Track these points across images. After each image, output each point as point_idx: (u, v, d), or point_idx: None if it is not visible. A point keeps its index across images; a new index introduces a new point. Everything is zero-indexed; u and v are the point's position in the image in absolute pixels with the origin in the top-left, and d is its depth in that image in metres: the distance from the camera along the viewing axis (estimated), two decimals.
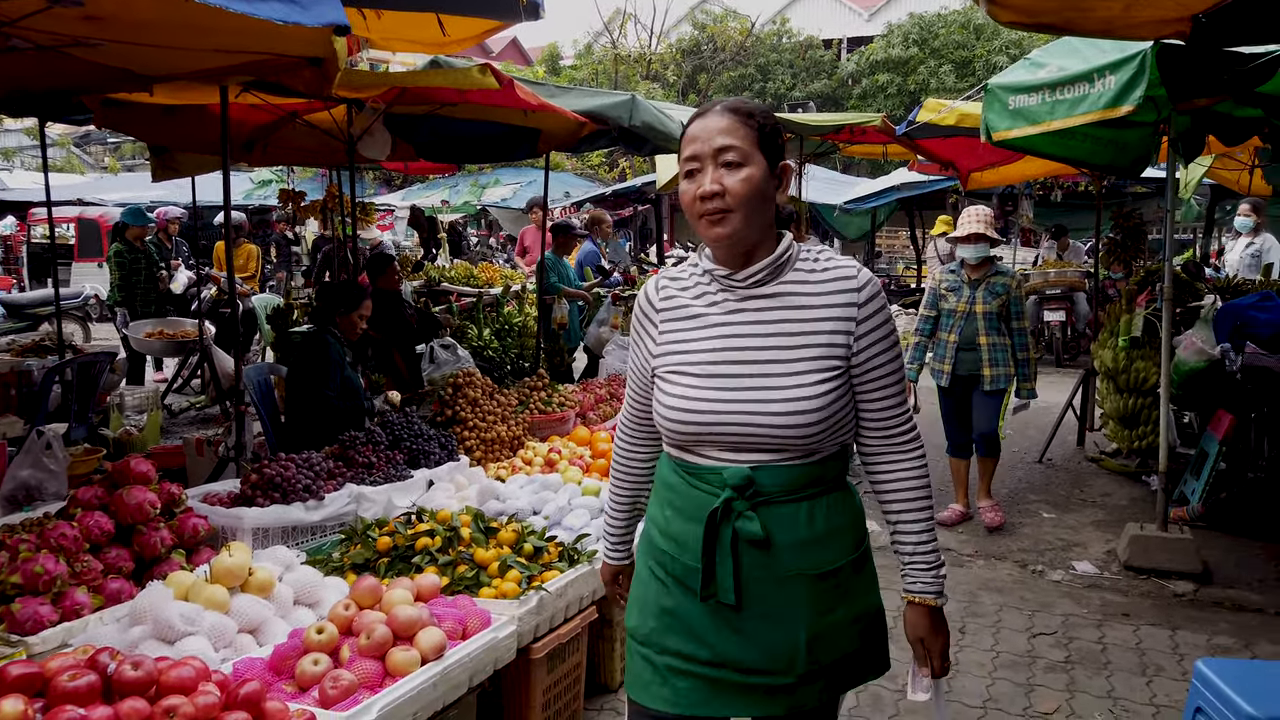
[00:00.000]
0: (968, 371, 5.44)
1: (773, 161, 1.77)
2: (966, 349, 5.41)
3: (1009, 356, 5.40)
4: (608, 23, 25.78)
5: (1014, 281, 5.41)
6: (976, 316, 5.37)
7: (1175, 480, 5.90)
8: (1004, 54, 20.51)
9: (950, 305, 5.47)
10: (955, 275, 5.51)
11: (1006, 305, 5.38)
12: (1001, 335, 5.39)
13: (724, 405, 1.74)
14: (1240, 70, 4.14)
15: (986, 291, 5.37)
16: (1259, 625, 4.25)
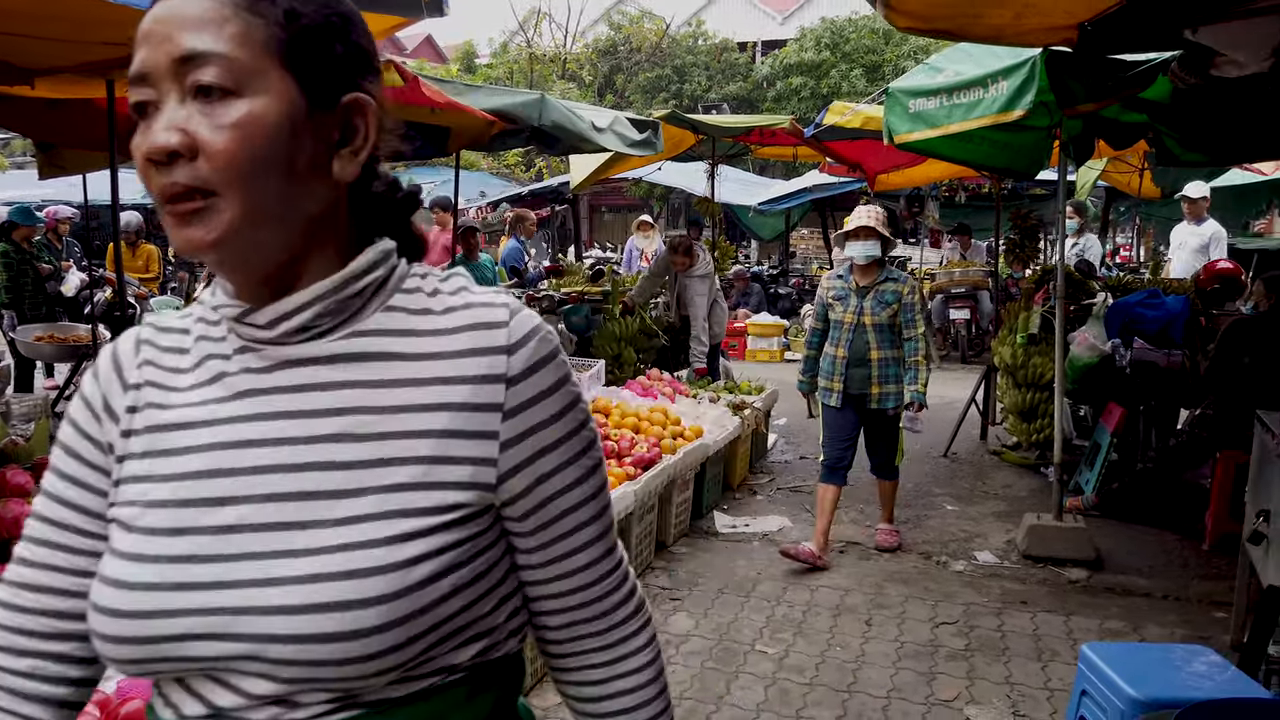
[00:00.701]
0: (859, 390, 4.94)
1: (320, 88, 0.87)
2: (856, 365, 4.91)
3: (901, 373, 4.94)
4: (523, 22, 25.62)
5: (906, 288, 4.88)
6: (866, 329, 4.87)
7: (1071, 471, 6.14)
8: (911, 59, 21.04)
9: (838, 316, 4.95)
10: (843, 282, 4.98)
11: (899, 314, 4.90)
12: (895, 348, 4.90)
13: (199, 594, 0.83)
14: (1124, 76, 4.32)
15: (875, 301, 4.85)
16: (1147, 609, 4.45)
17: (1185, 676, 2.41)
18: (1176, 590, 4.64)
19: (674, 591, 4.60)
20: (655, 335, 8.23)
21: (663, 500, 5.04)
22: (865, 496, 6.18)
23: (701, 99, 23.75)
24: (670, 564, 4.98)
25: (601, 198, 25.88)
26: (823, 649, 3.99)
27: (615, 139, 6.17)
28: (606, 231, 26.91)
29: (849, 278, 4.95)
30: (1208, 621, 4.27)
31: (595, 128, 5.96)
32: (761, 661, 3.87)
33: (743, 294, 13.73)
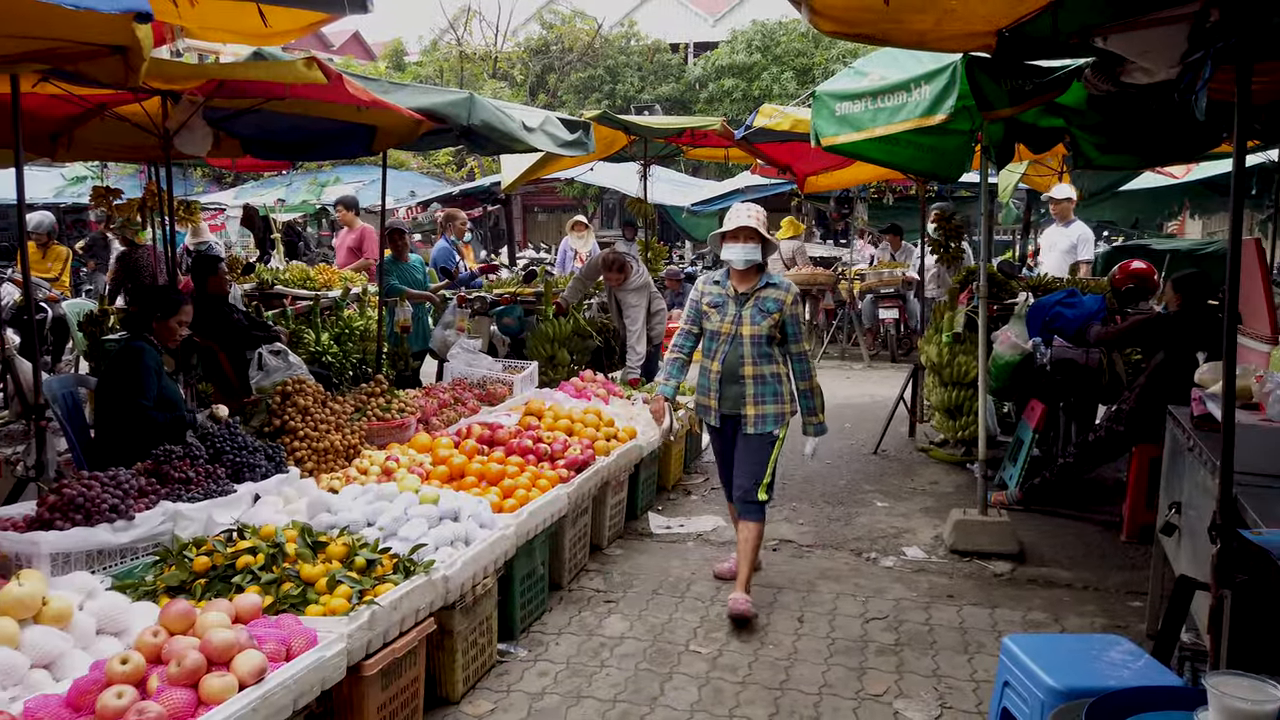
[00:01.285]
0: (732, 410, 4.39)
1: None
2: (730, 381, 4.36)
3: (781, 392, 4.39)
4: (453, 20, 25.34)
5: (789, 297, 4.33)
6: (742, 340, 4.33)
7: (995, 467, 6.29)
8: (841, 62, 21.36)
9: (714, 325, 4.41)
10: (719, 288, 4.44)
11: (781, 326, 4.35)
12: (773, 364, 4.37)
13: None
14: (1041, 82, 4.44)
15: (755, 310, 4.31)
16: (1069, 600, 4.57)
17: (1102, 666, 2.48)
18: (1095, 581, 4.78)
19: (608, 594, 4.59)
20: (589, 336, 8.21)
21: (597, 502, 5.02)
22: (796, 493, 6.26)
23: (634, 100, 23.78)
24: (605, 566, 4.96)
25: (535, 198, 25.74)
26: (756, 647, 4.02)
27: (546, 139, 6.13)
28: (540, 232, 26.77)
29: (726, 283, 4.42)
30: (1125, 611, 4.41)
31: (526, 128, 5.91)
32: (695, 661, 3.88)
33: (675, 295, 13.76)
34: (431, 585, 3.25)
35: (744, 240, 4.30)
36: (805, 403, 4.48)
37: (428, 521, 3.71)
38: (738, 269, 4.36)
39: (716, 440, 4.64)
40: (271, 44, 4.61)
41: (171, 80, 4.67)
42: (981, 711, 3.48)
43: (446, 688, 3.49)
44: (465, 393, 6.25)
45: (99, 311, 6.71)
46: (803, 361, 4.43)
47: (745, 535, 4.40)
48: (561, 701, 3.55)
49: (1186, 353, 5.13)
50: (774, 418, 4.36)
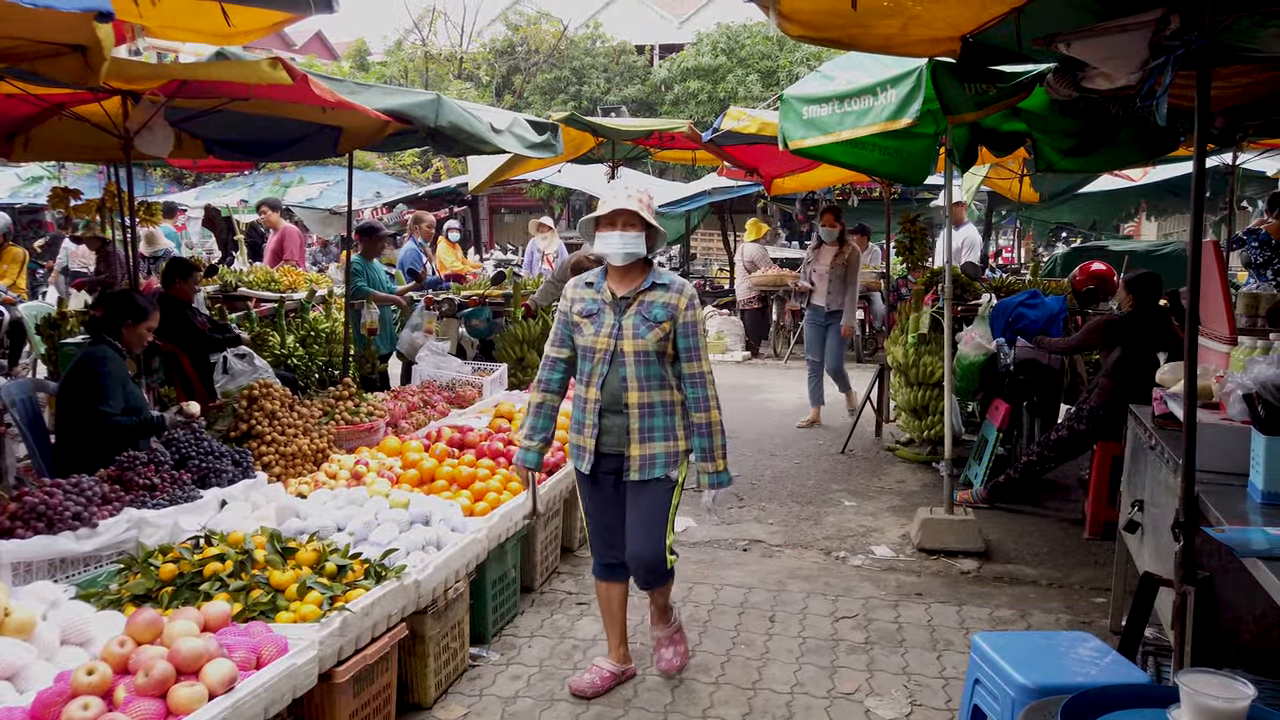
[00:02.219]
0: (613, 448, 3.44)
1: None
2: (612, 411, 3.42)
3: (675, 426, 3.45)
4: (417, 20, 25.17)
5: (683, 300, 3.40)
6: (624, 359, 3.37)
7: (961, 466, 6.37)
8: (805, 65, 21.52)
9: (586, 340, 3.43)
10: (593, 291, 3.48)
11: (672, 338, 3.40)
12: (665, 389, 3.41)
13: None
14: (1004, 87, 4.50)
15: (639, 318, 3.36)
16: (1035, 596, 4.64)
17: (1071, 663, 2.53)
18: (1060, 578, 4.86)
19: (580, 596, 4.58)
20: None
21: (568, 504, 5.02)
22: (766, 494, 6.29)
23: (600, 101, 23.78)
24: (576, 568, 4.95)
25: (501, 199, 25.61)
26: (728, 647, 4.03)
27: (514, 140, 6.11)
28: (507, 233, 26.66)
29: (602, 285, 3.45)
30: (1089, 607, 4.49)
31: (494, 129, 5.89)
32: None
33: None
34: (403, 590, 3.23)
35: (622, 227, 3.31)
36: (701, 443, 3.45)
37: (399, 526, 3.68)
38: (615, 265, 3.39)
39: (590, 492, 3.57)
40: (234, 43, 4.55)
41: (132, 80, 4.60)
42: (951, 708, 3.52)
43: (418, 693, 3.46)
44: (434, 395, 6.20)
45: (58, 315, 6.57)
46: (700, 386, 3.41)
47: (655, 601, 3.69)
48: (535, 705, 3.54)
49: (1142, 351, 5.23)
50: (666, 458, 3.42)
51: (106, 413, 4.31)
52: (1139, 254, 10.66)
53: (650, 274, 3.43)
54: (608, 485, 3.52)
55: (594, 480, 3.52)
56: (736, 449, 7.54)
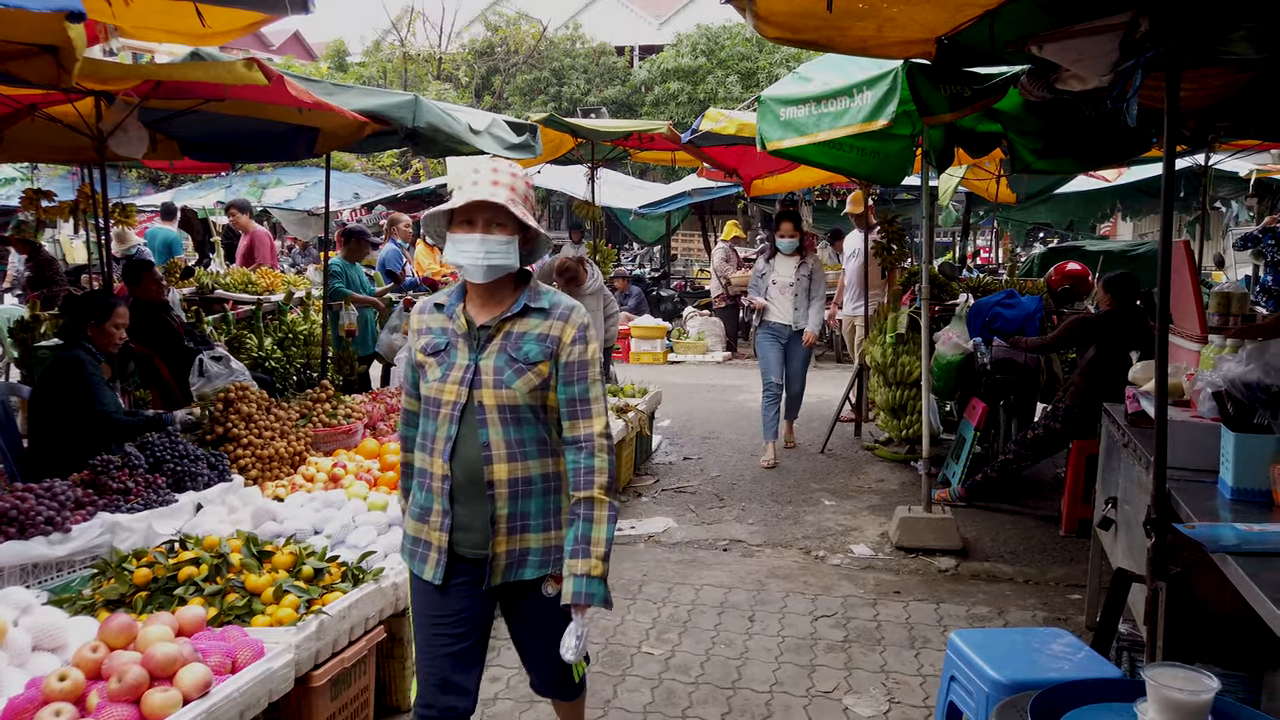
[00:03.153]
0: (476, 550, 2.43)
1: None
2: (468, 493, 2.40)
3: (561, 506, 2.46)
4: (395, 21, 25.05)
5: (569, 329, 2.41)
6: (483, 415, 2.37)
7: (939, 465, 6.42)
8: (785, 66, 21.59)
9: (431, 388, 2.42)
10: (442, 317, 2.48)
11: (553, 385, 2.41)
12: (546, 456, 2.44)
13: None
14: (979, 88, 4.54)
15: (505, 356, 2.38)
16: (1011, 593, 4.68)
17: (1044, 658, 2.55)
18: (1036, 575, 4.90)
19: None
20: None
21: None
22: (746, 494, 6.31)
23: (580, 102, 23.76)
24: None
25: None
26: (708, 647, 4.04)
27: (492, 141, 6.10)
28: None
29: (455, 308, 2.44)
30: (1065, 604, 4.53)
31: (472, 130, 5.87)
32: (648, 663, 3.89)
33: (623, 295, 13.80)
34: (381, 593, 3.22)
35: (484, 227, 2.32)
36: (573, 531, 2.37)
37: (376, 528, 3.67)
38: (475, 282, 2.39)
39: (432, 608, 2.49)
40: (209, 44, 4.52)
41: (106, 80, 4.55)
42: (928, 705, 3.55)
43: (397, 696, 3.45)
44: None
45: (30, 317, 6.50)
46: (588, 452, 2.39)
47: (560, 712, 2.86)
48: (515, 706, 3.53)
49: (1118, 350, 5.29)
50: (543, 554, 2.44)
51: (104, 412, 4.30)
52: (1114, 254, 10.75)
53: (523, 294, 2.40)
54: (464, 600, 2.45)
55: (443, 592, 2.44)
56: (717, 449, 7.57)
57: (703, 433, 8.14)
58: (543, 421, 2.43)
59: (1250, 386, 2.80)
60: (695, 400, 9.62)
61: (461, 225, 2.36)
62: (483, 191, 2.31)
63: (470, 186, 2.33)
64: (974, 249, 17.45)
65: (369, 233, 8.66)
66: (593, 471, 2.38)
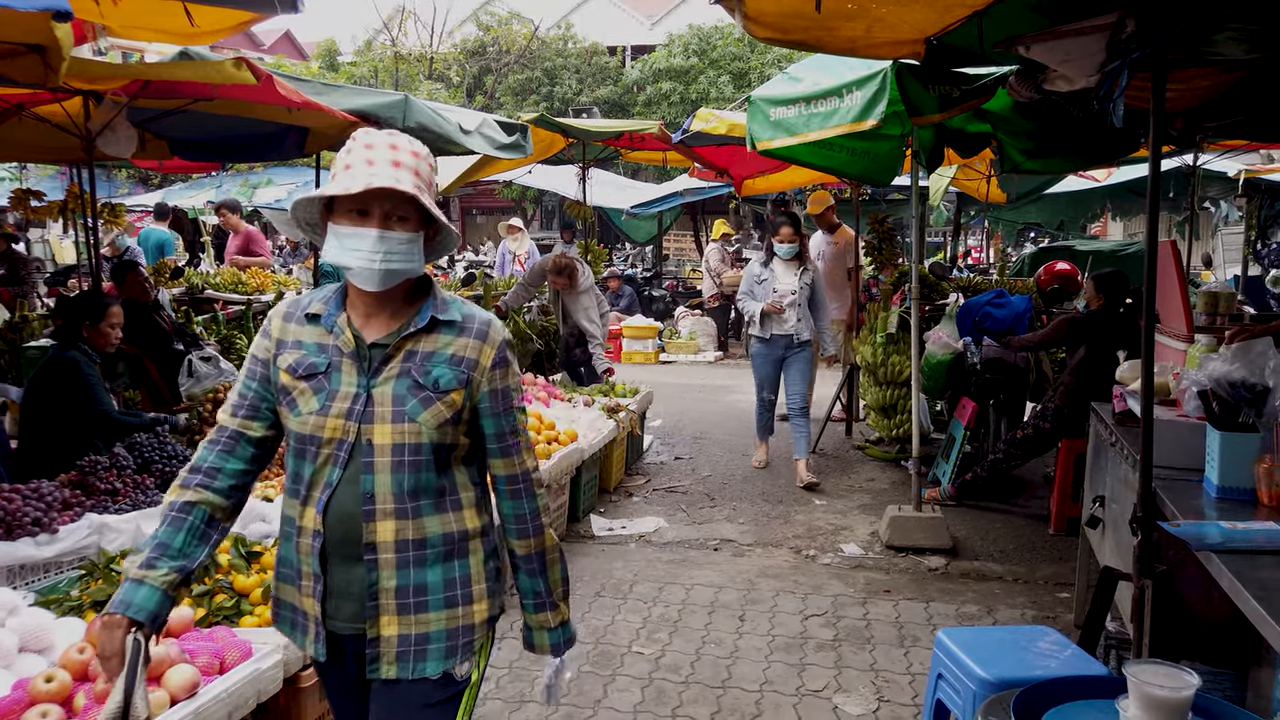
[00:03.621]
0: (352, 626, 1.90)
1: None
2: (345, 555, 1.87)
3: (467, 575, 1.94)
4: (387, 20, 25.02)
5: (489, 351, 1.91)
6: (371, 457, 1.84)
7: (929, 464, 6.43)
8: (776, 67, 21.58)
9: (304, 421, 1.86)
10: (322, 330, 1.91)
11: (470, 416, 1.92)
12: (448, 510, 1.92)
13: None
14: (968, 89, 4.56)
15: (407, 382, 1.86)
16: (1001, 592, 4.70)
17: (1031, 656, 2.56)
18: (1025, 574, 4.92)
19: None
20: (529, 340, 8.19)
21: None
22: (737, 493, 6.32)
23: (572, 102, 23.74)
24: None
25: (473, 200, 25.53)
26: (698, 646, 4.05)
27: (483, 141, 6.10)
28: (479, 234, 26.57)
29: (335, 318, 1.91)
30: (1053, 602, 4.55)
31: (462, 130, 5.87)
32: (638, 662, 3.90)
33: (615, 295, 13.82)
34: None
35: (382, 221, 1.82)
36: (533, 584, 2.05)
37: None
38: (365, 289, 1.85)
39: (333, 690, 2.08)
40: (199, 43, 4.51)
41: (93, 80, 4.54)
42: (917, 704, 3.56)
43: None
44: None
45: (19, 318, 6.47)
46: (525, 495, 2.01)
47: None
48: (504, 707, 3.54)
49: (1108, 350, 5.31)
50: (448, 640, 1.91)
51: (104, 411, 4.30)
52: (1104, 254, 10.81)
53: (428, 303, 1.90)
54: (348, 683, 1.98)
55: (323, 671, 2.03)
56: (708, 449, 7.58)
57: (694, 432, 8.15)
58: (446, 467, 1.91)
59: (1235, 385, 2.81)
60: (687, 400, 9.62)
61: (349, 215, 1.82)
62: (383, 175, 1.78)
63: (364, 167, 1.80)
64: (965, 249, 17.50)
65: None
66: (537, 515, 2.02)
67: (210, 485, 1.90)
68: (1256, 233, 11.27)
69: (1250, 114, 4.51)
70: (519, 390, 2.01)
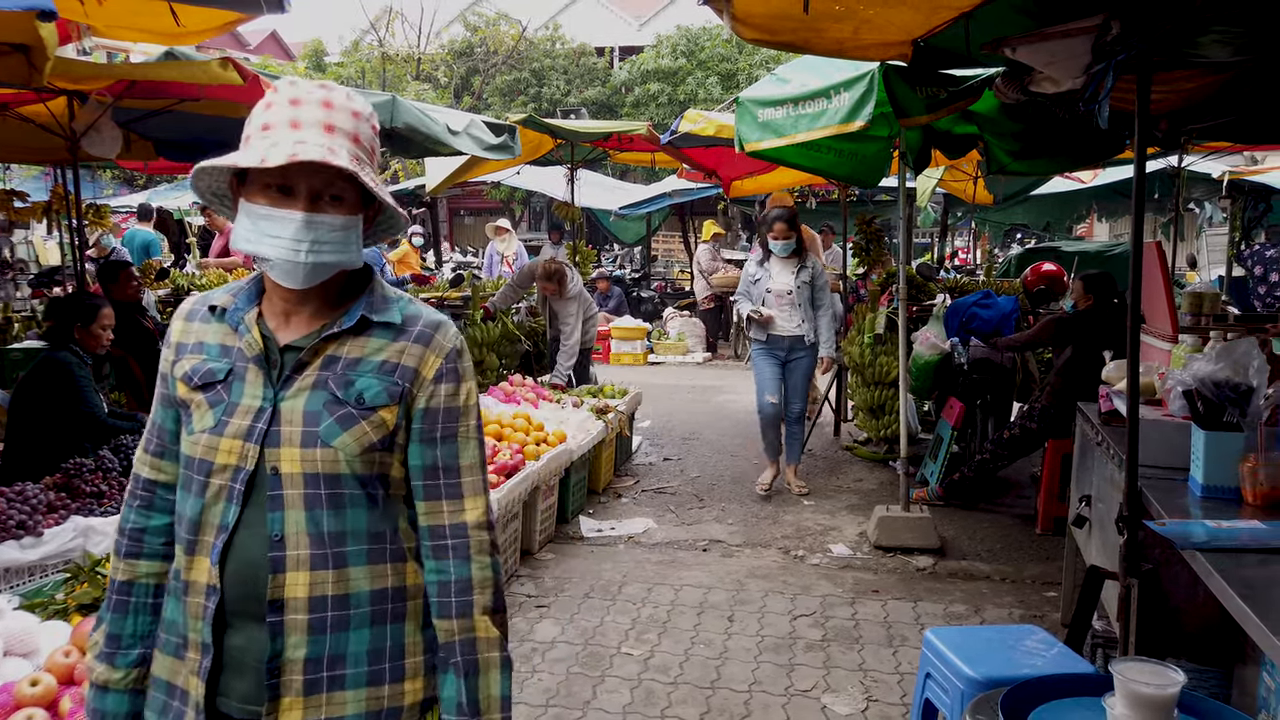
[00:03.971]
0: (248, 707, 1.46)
1: None
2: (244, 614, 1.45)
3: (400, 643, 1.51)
4: (374, 21, 24.94)
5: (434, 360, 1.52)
6: (279, 489, 1.45)
7: (917, 464, 6.46)
8: (764, 68, 21.65)
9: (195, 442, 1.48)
10: (225, 326, 1.52)
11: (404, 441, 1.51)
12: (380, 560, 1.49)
13: None
14: (954, 90, 4.58)
15: (324, 395, 1.46)
16: (988, 591, 4.72)
17: (1018, 655, 2.57)
18: (1013, 573, 4.95)
19: (540, 599, 4.57)
20: (518, 340, 8.17)
21: (527, 507, 5.01)
22: (726, 494, 6.32)
23: (560, 103, 23.72)
24: (536, 571, 4.94)
25: (461, 200, 25.49)
26: (687, 647, 4.05)
27: (471, 142, 6.09)
28: (467, 235, 26.54)
29: (243, 315, 1.51)
30: (1041, 601, 4.57)
31: (450, 130, 5.86)
32: (627, 663, 3.89)
33: (604, 296, 13.83)
34: None
35: (308, 200, 1.43)
36: (451, 691, 1.50)
37: None
38: (286, 285, 1.47)
39: None
40: (184, 43, 4.49)
41: (78, 80, 4.52)
42: (906, 703, 3.57)
43: None
44: None
45: (2, 319, 6.43)
46: (461, 556, 1.52)
47: None
48: None
49: (1094, 350, 5.34)
50: None
51: (95, 414, 4.28)
52: (1090, 254, 10.87)
53: (363, 300, 1.53)
54: None
55: None
56: (697, 450, 7.59)
57: (683, 433, 8.16)
58: (379, 504, 1.50)
59: (1220, 385, 2.83)
60: (675, 401, 9.63)
61: (267, 192, 1.42)
62: (312, 144, 1.38)
63: (287, 131, 1.40)
64: (952, 250, 17.57)
65: None
66: (470, 586, 1.50)
67: (140, 553, 1.54)
68: (1240, 234, 11.35)
69: (1234, 116, 4.54)
70: (474, 415, 1.56)
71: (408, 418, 1.51)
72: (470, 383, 1.57)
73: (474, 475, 1.55)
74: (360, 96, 1.52)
